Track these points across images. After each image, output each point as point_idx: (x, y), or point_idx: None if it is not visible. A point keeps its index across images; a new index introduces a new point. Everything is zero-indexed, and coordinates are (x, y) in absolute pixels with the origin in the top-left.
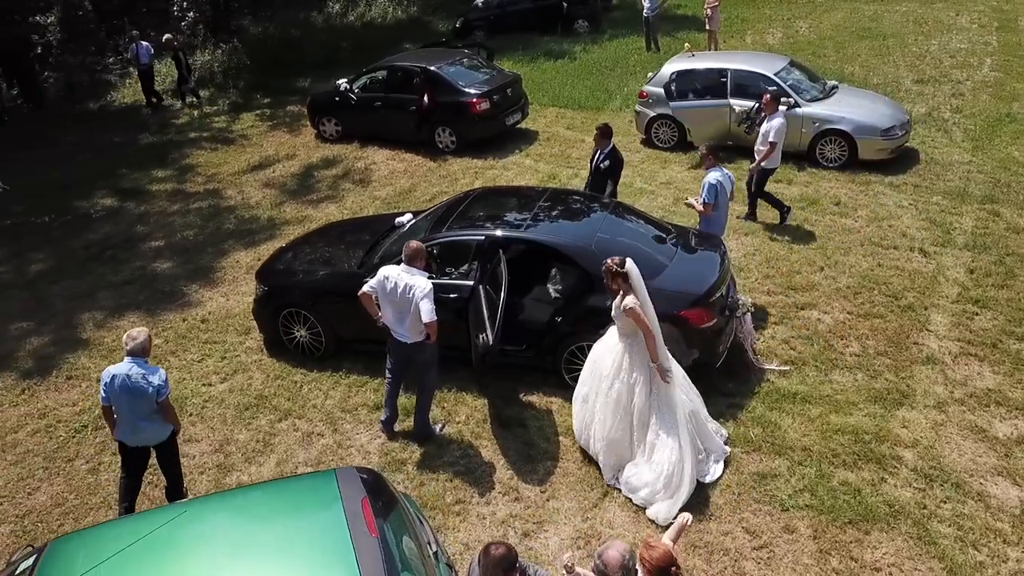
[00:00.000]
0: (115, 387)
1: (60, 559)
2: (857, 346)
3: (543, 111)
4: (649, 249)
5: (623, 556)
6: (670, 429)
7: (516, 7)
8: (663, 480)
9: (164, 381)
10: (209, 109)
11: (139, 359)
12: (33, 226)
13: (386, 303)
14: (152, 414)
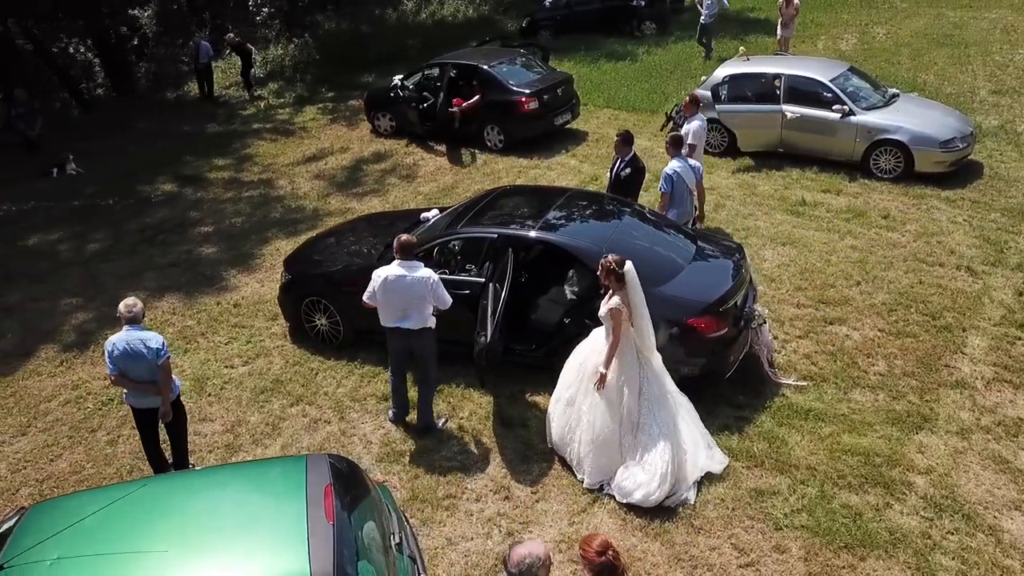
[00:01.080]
0: (117, 353)
1: (36, 521)
2: (883, 365)
3: (596, 112)
4: (663, 255)
5: (525, 557)
6: (662, 428)
7: (583, 7)
8: (658, 479)
9: (163, 345)
10: (275, 101)
11: (136, 326)
12: (99, 208)
13: (390, 301)
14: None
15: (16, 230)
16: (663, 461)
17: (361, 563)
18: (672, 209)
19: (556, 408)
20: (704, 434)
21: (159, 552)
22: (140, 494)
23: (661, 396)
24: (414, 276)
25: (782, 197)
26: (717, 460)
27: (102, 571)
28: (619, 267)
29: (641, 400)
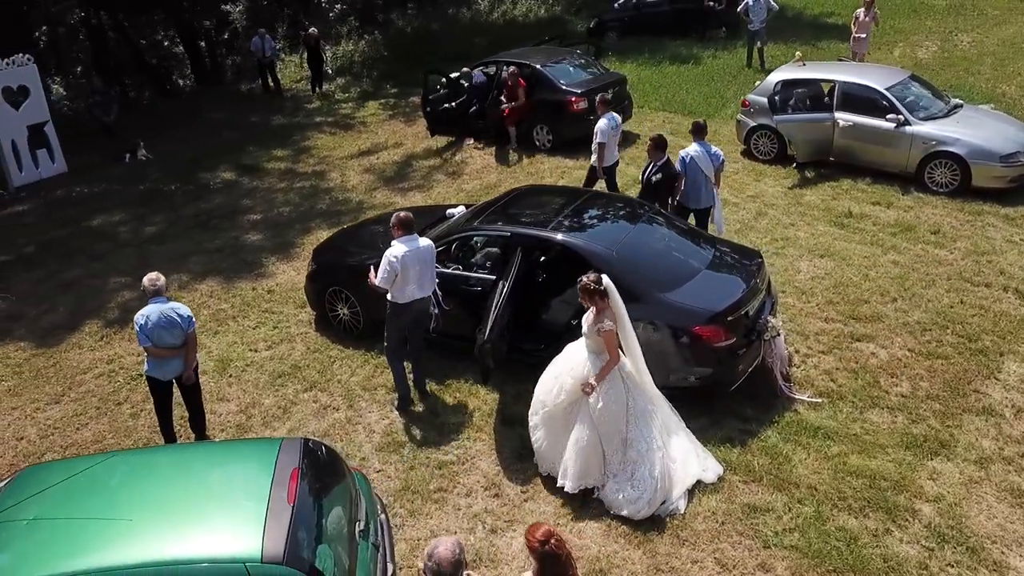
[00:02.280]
0: (151, 326)
1: (24, 482)
2: (907, 386)
3: (651, 115)
4: (675, 260)
5: (454, 551)
6: (651, 443)
7: (652, 9)
8: (647, 495)
9: (190, 313)
10: (340, 96)
11: (161, 298)
12: (161, 193)
13: (411, 274)
14: (179, 348)
15: (84, 211)
16: (652, 478)
17: (321, 547)
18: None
19: (534, 421)
20: (695, 443)
21: (125, 520)
22: (120, 464)
23: (648, 409)
24: (421, 246)
25: (828, 208)
26: (711, 469)
27: (71, 533)
28: (597, 284)
29: (628, 415)
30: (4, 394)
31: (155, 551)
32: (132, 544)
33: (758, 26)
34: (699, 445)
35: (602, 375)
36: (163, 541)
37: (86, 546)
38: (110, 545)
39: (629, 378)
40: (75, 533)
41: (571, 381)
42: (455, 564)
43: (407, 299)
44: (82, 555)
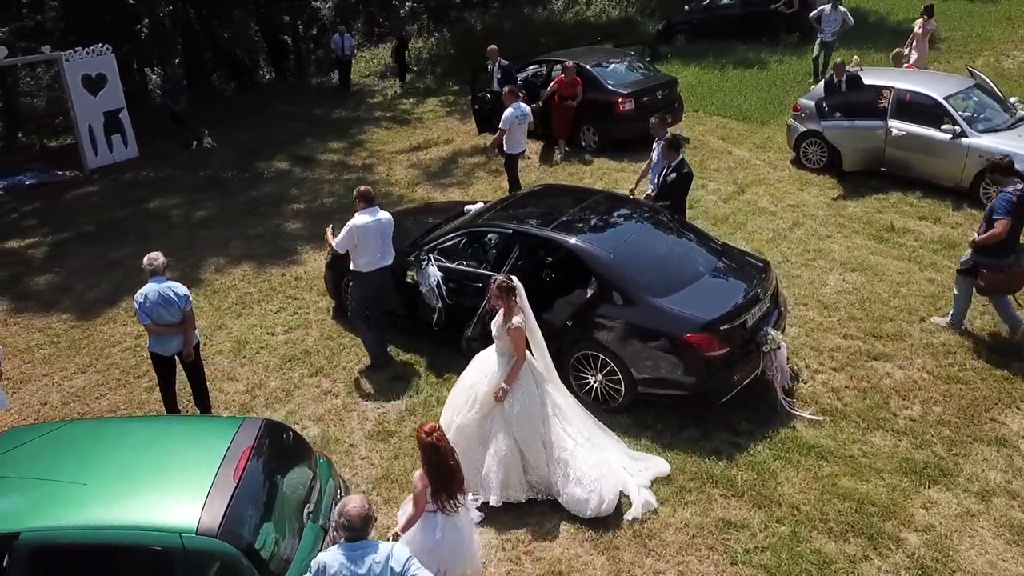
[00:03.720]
0: (149, 304)
1: (6, 439)
2: (918, 409)
3: (705, 119)
4: (674, 265)
5: (363, 506)
6: (579, 439)
7: (723, 12)
8: (598, 488)
9: (187, 293)
10: (402, 92)
11: (160, 277)
12: (218, 179)
13: (372, 245)
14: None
15: (145, 194)
16: (589, 467)
17: (264, 525)
18: None
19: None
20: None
21: (79, 484)
22: (91, 431)
23: (567, 408)
24: (382, 218)
25: (869, 220)
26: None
27: (29, 491)
28: (510, 283)
29: (548, 417)
30: (39, 361)
31: (99, 516)
32: (80, 507)
33: (830, 37)
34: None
35: (512, 376)
36: (109, 507)
37: (36, 505)
38: (60, 506)
39: (540, 378)
40: (31, 492)
41: (485, 389)
42: (364, 519)
43: (369, 268)
44: (30, 514)
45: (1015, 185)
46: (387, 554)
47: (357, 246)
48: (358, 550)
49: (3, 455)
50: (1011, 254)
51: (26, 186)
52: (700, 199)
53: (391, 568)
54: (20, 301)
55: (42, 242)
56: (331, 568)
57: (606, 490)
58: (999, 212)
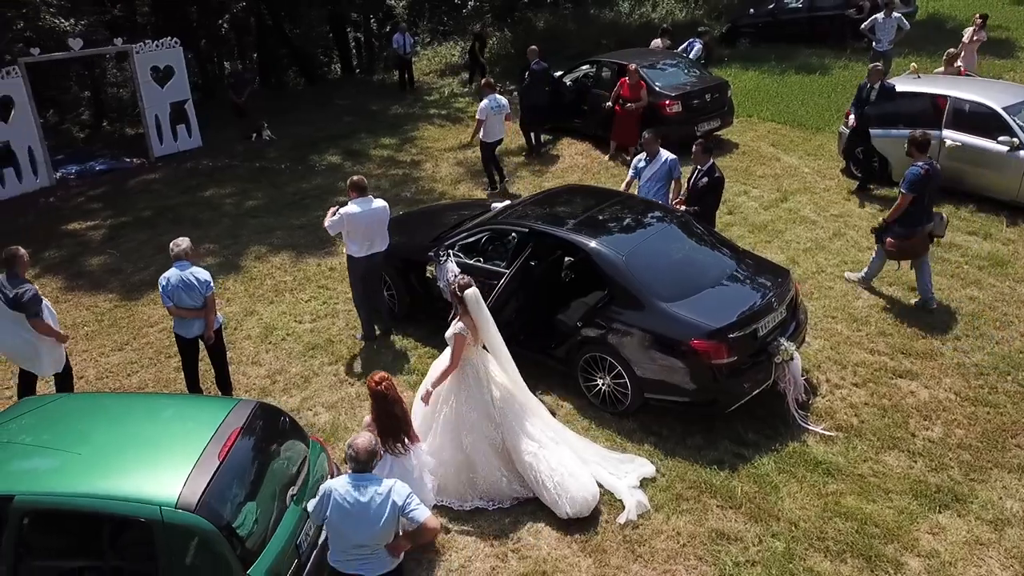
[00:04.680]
0: (171, 287)
1: (17, 409)
2: (939, 431)
3: (757, 124)
4: (689, 271)
5: (370, 442)
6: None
7: (789, 16)
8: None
9: (209, 279)
10: (459, 90)
11: (184, 262)
12: (271, 171)
13: (363, 230)
14: (200, 310)
15: (203, 183)
16: (552, 469)
17: (246, 504)
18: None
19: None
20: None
21: (75, 453)
22: (95, 403)
23: (531, 411)
24: (375, 207)
25: None
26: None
27: (28, 458)
28: (460, 290)
29: (499, 421)
30: (82, 337)
31: (88, 484)
32: (71, 475)
33: (886, 47)
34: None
35: (438, 380)
36: (99, 477)
37: (32, 471)
38: (54, 474)
39: (493, 382)
40: (29, 459)
41: (442, 392)
42: (370, 453)
43: (359, 254)
44: (26, 479)
45: (924, 161)
46: (389, 488)
47: (349, 233)
48: (363, 481)
49: (12, 421)
50: (919, 225)
51: (96, 171)
52: (740, 205)
53: (392, 501)
54: (73, 280)
55: (101, 225)
56: (336, 493)
57: (575, 490)
58: (904, 186)
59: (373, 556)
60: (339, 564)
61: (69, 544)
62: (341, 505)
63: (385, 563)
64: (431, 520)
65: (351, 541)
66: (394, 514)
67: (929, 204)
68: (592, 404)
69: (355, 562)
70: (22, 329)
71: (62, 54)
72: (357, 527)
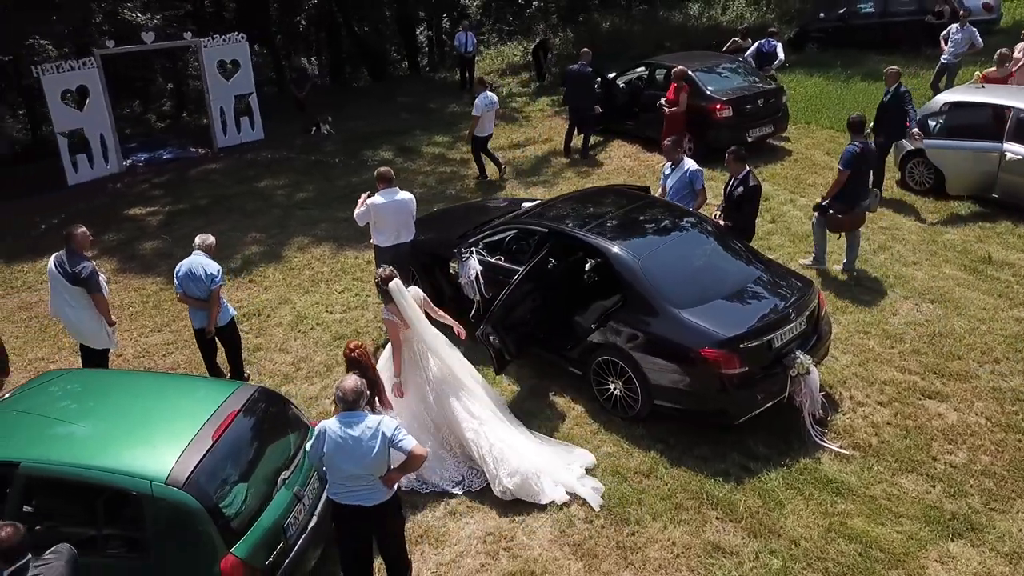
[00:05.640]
0: (181, 275)
1: (41, 380)
2: (963, 456)
3: (815, 132)
4: (706, 278)
5: (357, 384)
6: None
7: (860, 21)
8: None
9: (218, 272)
10: (517, 89)
11: (203, 254)
12: (325, 164)
13: (389, 223)
14: (204, 302)
15: (259, 174)
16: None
17: (235, 485)
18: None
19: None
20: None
21: (80, 425)
22: (103, 380)
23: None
24: (401, 198)
25: (965, 250)
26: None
27: (39, 427)
28: (384, 283)
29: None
30: (127, 317)
31: (87, 456)
32: (74, 446)
33: (951, 59)
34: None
35: (396, 366)
36: (98, 449)
37: (39, 439)
38: (58, 443)
39: (434, 367)
40: (40, 428)
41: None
42: (356, 393)
43: (387, 243)
44: (32, 446)
45: (860, 141)
46: (377, 423)
47: (376, 223)
48: (353, 418)
49: (32, 391)
50: (857, 201)
51: (163, 159)
52: (785, 214)
53: (382, 433)
54: (126, 262)
55: (160, 211)
56: (330, 431)
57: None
58: (841, 164)
59: (368, 487)
60: (337, 496)
61: (68, 511)
62: (335, 440)
63: (380, 493)
64: (418, 448)
65: (346, 473)
66: (384, 446)
67: (864, 180)
68: (603, 408)
69: (352, 493)
70: (81, 304)
71: (135, 47)
72: (351, 459)
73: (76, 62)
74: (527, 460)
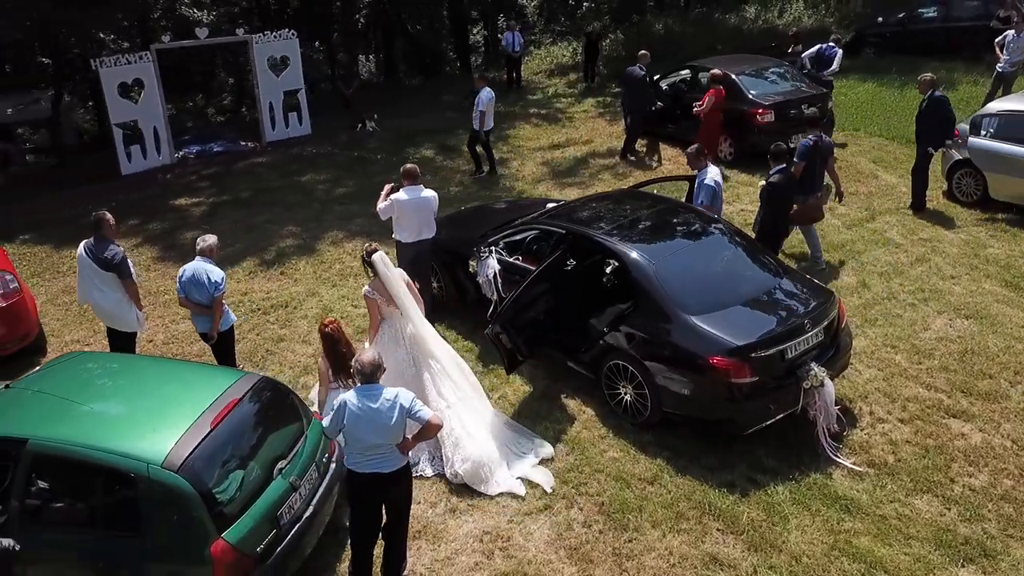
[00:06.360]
0: (184, 280)
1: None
2: (983, 480)
3: (862, 139)
4: (722, 284)
5: (375, 357)
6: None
7: (920, 26)
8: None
9: (221, 280)
10: (563, 90)
11: (206, 258)
12: (367, 160)
13: (412, 218)
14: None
15: (302, 168)
16: (451, 427)
17: (231, 472)
18: None
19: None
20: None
21: (87, 406)
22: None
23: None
24: (425, 195)
25: (1008, 265)
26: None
27: (50, 407)
28: (368, 255)
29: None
30: (160, 304)
31: (91, 436)
32: (79, 426)
33: (1007, 68)
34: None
35: (370, 341)
36: (101, 430)
37: (47, 418)
38: (65, 423)
39: (412, 346)
40: (51, 408)
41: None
42: (375, 366)
43: (409, 239)
44: (40, 424)
45: (813, 135)
46: (395, 394)
47: (398, 219)
48: (371, 391)
49: (49, 372)
50: (813, 192)
51: (213, 152)
52: (822, 222)
53: (400, 404)
54: (167, 251)
55: (204, 203)
56: (350, 403)
57: (470, 449)
58: (796, 157)
59: (386, 455)
60: (356, 466)
61: (71, 488)
62: (355, 413)
63: (396, 460)
64: (435, 418)
65: (367, 443)
66: (402, 416)
67: (818, 173)
68: (614, 412)
69: (371, 461)
70: (111, 288)
71: (189, 42)
72: (371, 430)
73: (132, 56)
74: (481, 449)
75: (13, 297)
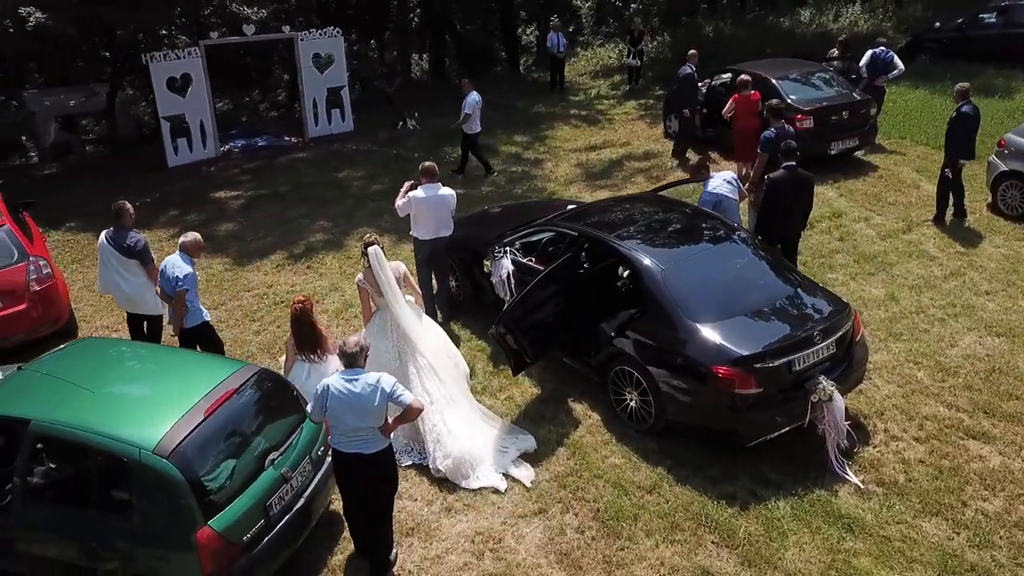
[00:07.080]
0: (161, 272)
1: (71, 346)
2: (998, 505)
3: (908, 148)
4: (732, 292)
5: (360, 339)
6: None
7: (979, 32)
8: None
9: (183, 276)
10: (605, 92)
11: (182, 255)
12: (404, 158)
13: (428, 216)
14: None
15: (341, 164)
16: (433, 424)
17: (222, 461)
18: None
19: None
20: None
21: (88, 391)
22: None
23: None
24: (442, 193)
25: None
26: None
27: (52, 389)
28: (365, 247)
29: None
30: None
31: (88, 419)
32: (79, 409)
33: None
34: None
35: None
36: (99, 413)
37: (50, 401)
38: (66, 406)
39: (401, 340)
40: (55, 391)
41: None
42: (358, 347)
43: (427, 236)
44: (42, 406)
45: (776, 126)
46: (377, 378)
47: (416, 216)
48: (354, 375)
49: (59, 356)
50: None
51: (257, 147)
52: (855, 232)
53: (381, 388)
54: None
55: (242, 195)
56: (332, 387)
57: (450, 446)
58: (760, 147)
59: (368, 437)
60: (340, 445)
61: (68, 468)
62: (338, 397)
63: (378, 442)
64: (415, 402)
65: (350, 426)
66: (384, 400)
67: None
68: (619, 418)
69: (354, 443)
70: (134, 274)
71: (236, 38)
72: (353, 413)
73: (181, 51)
74: (462, 446)
75: (46, 282)
